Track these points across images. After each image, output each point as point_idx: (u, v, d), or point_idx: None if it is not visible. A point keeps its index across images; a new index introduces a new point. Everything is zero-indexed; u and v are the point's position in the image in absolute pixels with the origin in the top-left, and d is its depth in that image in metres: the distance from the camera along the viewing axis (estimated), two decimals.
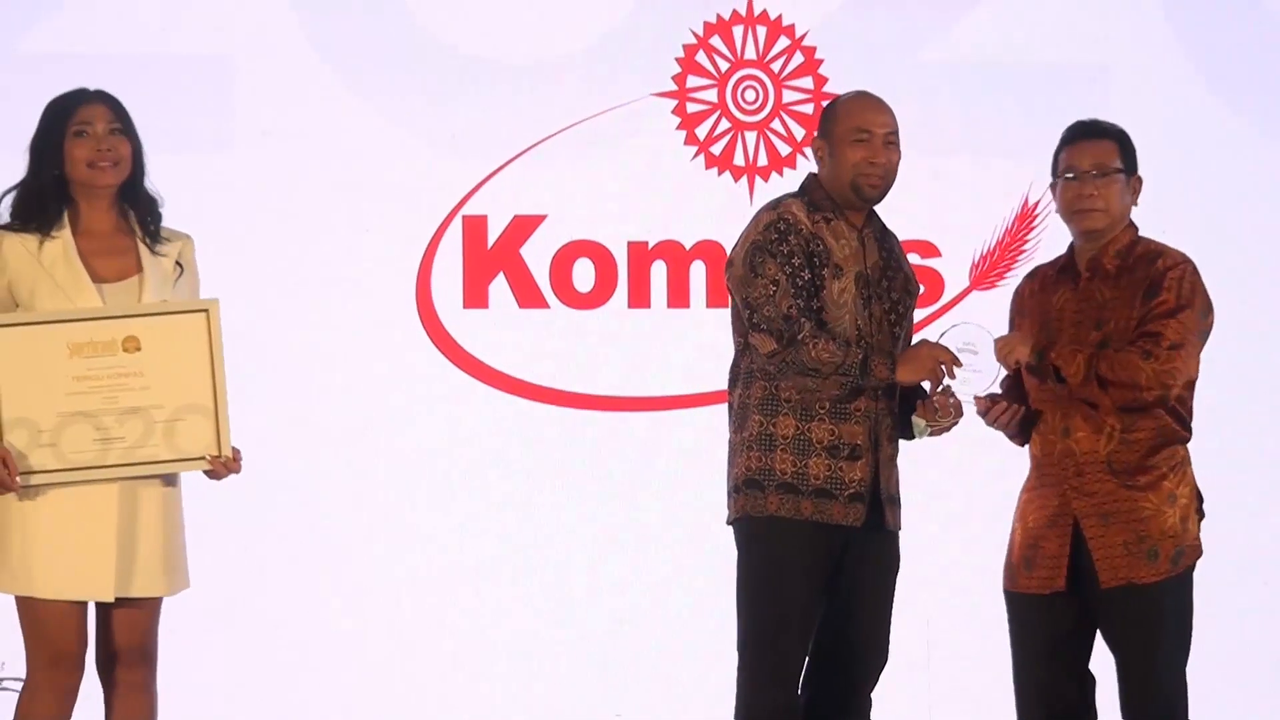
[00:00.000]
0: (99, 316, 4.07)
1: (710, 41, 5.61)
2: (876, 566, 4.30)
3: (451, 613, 5.53)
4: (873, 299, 4.29)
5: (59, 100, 4.20)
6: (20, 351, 4.05)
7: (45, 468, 4.04)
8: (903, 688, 5.11)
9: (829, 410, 4.22)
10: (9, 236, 4.12)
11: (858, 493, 4.20)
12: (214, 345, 4.12)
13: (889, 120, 4.30)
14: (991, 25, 5.66)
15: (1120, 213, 4.29)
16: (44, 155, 4.14)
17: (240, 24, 5.45)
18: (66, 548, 4.08)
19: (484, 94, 5.51)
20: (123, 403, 4.07)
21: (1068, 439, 4.23)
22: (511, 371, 5.54)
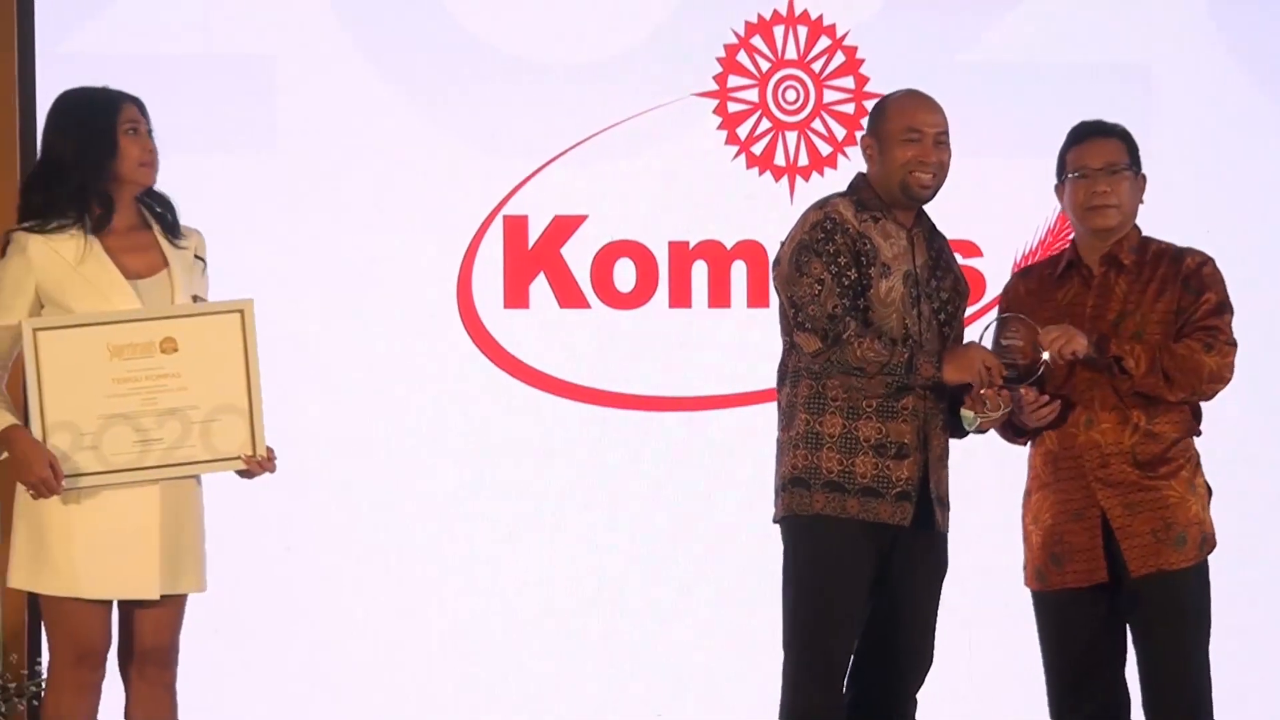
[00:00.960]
0: (137, 319, 4.10)
1: (751, 41, 5.61)
2: (923, 568, 4.30)
3: (493, 611, 5.54)
4: (921, 298, 4.28)
5: (95, 97, 4.18)
6: (61, 355, 4.08)
7: (88, 470, 4.08)
8: (944, 688, 5.05)
9: (876, 408, 4.21)
10: (33, 238, 4.12)
11: (905, 491, 4.20)
12: (249, 345, 4.15)
13: (940, 119, 4.30)
14: (1032, 25, 5.66)
15: (1131, 210, 4.32)
16: (91, 151, 4.12)
17: (283, 24, 5.45)
18: (110, 547, 4.11)
19: (525, 94, 5.53)
20: (161, 404, 4.10)
21: (1091, 430, 4.24)
22: (552, 372, 5.54)
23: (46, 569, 4.11)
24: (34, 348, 4.07)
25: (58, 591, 4.11)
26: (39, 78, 5.33)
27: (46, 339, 4.07)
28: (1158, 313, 4.28)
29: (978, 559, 5.19)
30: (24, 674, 5.21)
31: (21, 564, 4.15)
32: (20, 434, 4.08)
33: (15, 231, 4.15)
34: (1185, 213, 5.17)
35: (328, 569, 5.45)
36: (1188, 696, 4.25)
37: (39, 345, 4.07)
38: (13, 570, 4.18)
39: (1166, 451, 4.25)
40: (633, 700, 5.55)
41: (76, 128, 4.14)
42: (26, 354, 4.08)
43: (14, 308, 4.11)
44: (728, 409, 5.52)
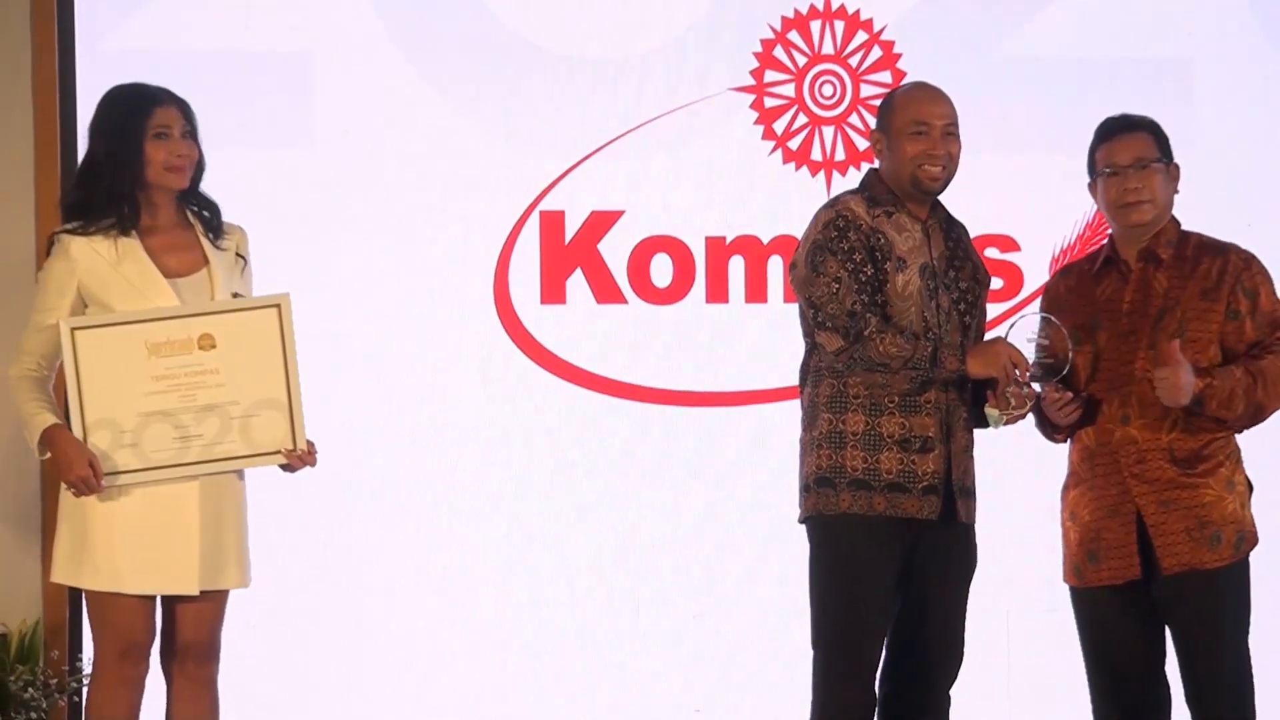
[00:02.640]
0: (174, 315, 4.15)
1: (788, 36, 5.61)
2: (951, 561, 4.31)
3: (529, 601, 5.55)
4: (939, 290, 4.29)
5: (131, 97, 4.24)
6: (100, 353, 4.13)
7: (128, 468, 4.14)
8: (982, 683, 5.10)
9: (898, 404, 4.23)
10: (74, 240, 4.19)
11: (931, 485, 4.21)
12: (286, 340, 4.20)
13: (947, 111, 4.29)
14: (1070, 19, 5.63)
15: (1166, 202, 4.31)
16: (120, 154, 4.19)
17: (321, 21, 5.48)
18: (151, 543, 4.17)
19: (562, 90, 5.53)
20: (200, 400, 4.15)
21: (1128, 426, 4.24)
22: (590, 367, 5.55)
23: (88, 565, 4.16)
24: (72, 347, 4.12)
25: (99, 587, 4.17)
26: (79, 76, 5.37)
27: (84, 338, 4.12)
28: (1200, 309, 4.27)
29: (1017, 551, 5.26)
30: (65, 670, 5.23)
31: (64, 560, 4.22)
32: (61, 433, 4.15)
33: (59, 233, 4.23)
34: (1226, 207, 5.17)
35: (365, 562, 5.46)
36: (1227, 696, 4.24)
37: (77, 344, 4.12)
38: (56, 566, 4.25)
39: (1204, 448, 4.24)
40: (673, 695, 5.55)
41: (108, 130, 4.21)
42: (65, 353, 4.15)
43: (58, 308, 4.18)
44: (764, 404, 5.51)
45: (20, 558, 5.33)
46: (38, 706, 5.09)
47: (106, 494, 4.16)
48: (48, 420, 4.17)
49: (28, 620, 5.24)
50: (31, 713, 5.07)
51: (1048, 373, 4.24)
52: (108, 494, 4.16)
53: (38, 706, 5.09)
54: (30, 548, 5.33)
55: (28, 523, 5.35)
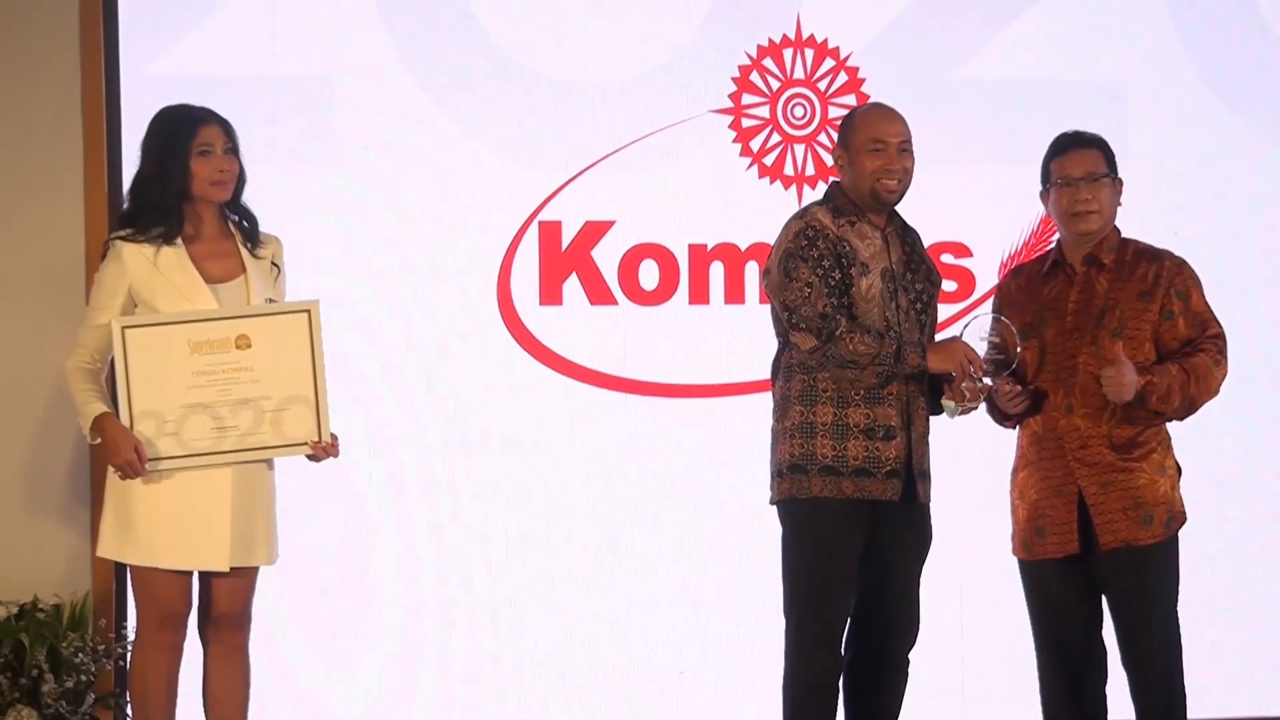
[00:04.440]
0: (215, 318, 4.28)
1: (763, 63, 5.69)
2: (908, 538, 4.43)
3: (528, 585, 5.62)
4: (899, 292, 4.40)
5: (178, 118, 4.37)
6: (147, 350, 4.26)
7: (169, 454, 4.28)
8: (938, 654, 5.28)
9: (864, 396, 4.33)
10: (127, 246, 4.31)
11: (894, 469, 4.34)
12: (315, 341, 4.31)
13: (902, 129, 4.39)
14: (1017, 46, 5.72)
15: (1111, 213, 4.44)
16: (168, 170, 4.31)
17: (341, 49, 5.53)
18: (187, 523, 4.31)
19: (559, 111, 5.59)
20: (235, 394, 4.28)
21: (1072, 415, 4.37)
22: (583, 362, 5.63)
23: (131, 541, 4.31)
24: (122, 344, 4.26)
25: (140, 561, 4.32)
26: (124, 97, 5.43)
27: (134, 336, 4.25)
28: (1137, 309, 4.37)
29: (970, 530, 5.43)
30: (111, 636, 5.33)
31: (110, 536, 4.36)
32: (110, 421, 4.29)
33: (113, 239, 4.37)
34: (1155, 215, 5.28)
35: (369, 557, 5.51)
36: (1159, 659, 4.37)
37: (127, 342, 4.26)
38: (103, 542, 4.40)
39: (1139, 435, 4.36)
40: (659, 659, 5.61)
41: (157, 148, 4.33)
42: (115, 349, 4.28)
43: (110, 308, 4.34)
44: (743, 395, 5.58)
45: (72, 534, 5.43)
46: (87, 670, 5.16)
47: (148, 477, 4.27)
48: (99, 409, 4.28)
49: (78, 591, 5.32)
50: (81, 675, 5.15)
51: (999, 368, 4.34)
52: (150, 477, 4.27)
53: (87, 670, 5.16)
54: (81, 525, 5.42)
55: (79, 502, 5.44)
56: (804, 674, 4.39)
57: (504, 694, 5.63)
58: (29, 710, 5.12)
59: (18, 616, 5.25)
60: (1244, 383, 5.59)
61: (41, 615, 5.26)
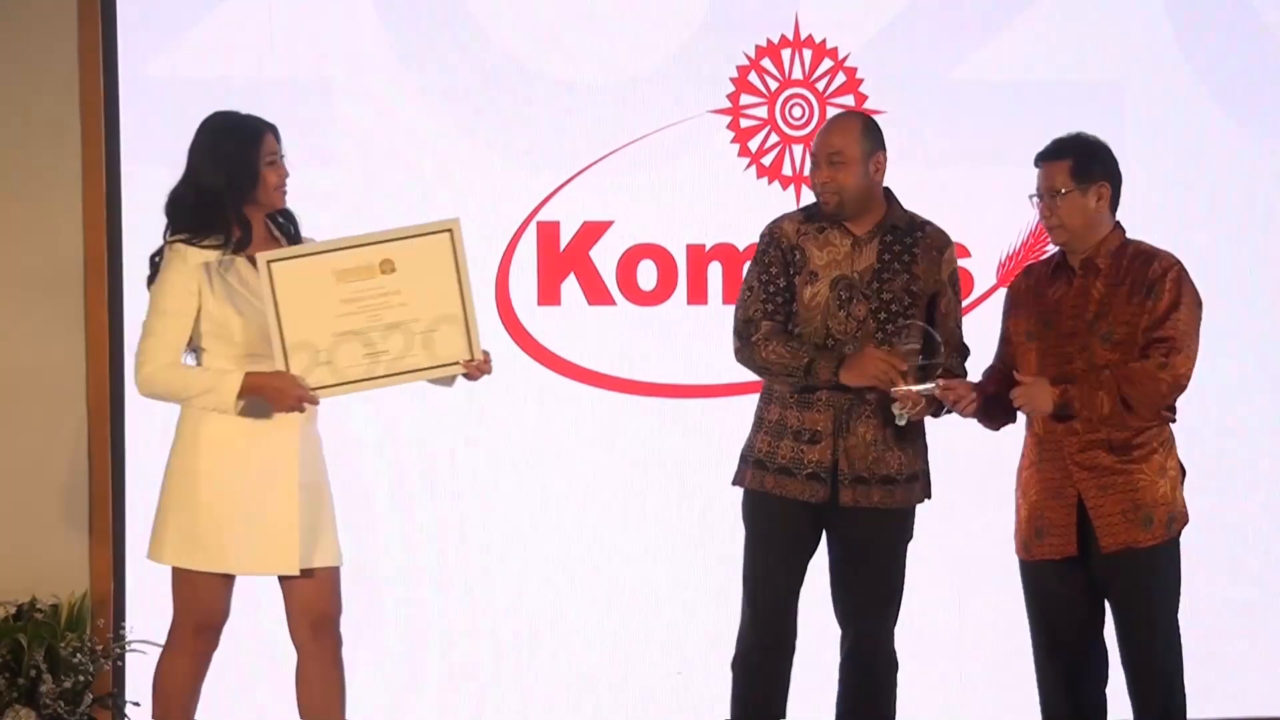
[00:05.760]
0: (356, 244, 4.23)
1: (761, 63, 5.72)
2: (861, 540, 4.47)
3: (525, 580, 5.64)
4: (854, 300, 4.42)
5: (242, 126, 4.32)
6: (295, 282, 4.18)
7: (324, 384, 4.22)
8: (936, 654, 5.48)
9: (797, 400, 4.44)
10: (190, 249, 4.26)
11: (815, 473, 4.41)
12: (459, 260, 4.26)
13: (833, 141, 4.43)
14: (1016, 48, 5.75)
15: (1080, 224, 4.40)
16: (239, 179, 4.27)
17: (340, 51, 5.56)
18: (256, 527, 4.24)
19: (558, 112, 5.62)
20: (385, 319, 4.23)
21: (1071, 419, 4.39)
22: (582, 362, 5.67)
23: (199, 547, 4.22)
24: (269, 278, 4.17)
25: (206, 567, 4.23)
26: (122, 99, 5.46)
27: (279, 269, 4.17)
28: (1126, 314, 4.37)
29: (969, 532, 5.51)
30: (110, 637, 5.34)
31: (171, 540, 4.26)
32: (258, 375, 4.21)
33: (174, 242, 4.28)
34: (1152, 216, 5.22)
35: (368, 557, 5.46)
36: (1157, 661, 4.40)
37: (274, 276, 4.17)
38: (163, 546, 4.28)
39: (1138, 437, 4.37)
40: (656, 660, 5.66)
41: (226, 158, 4.26)
42: (263, 285, 4.18)
43: (184, 311, 4.26)
44: (741, 395, 5.48)
45: (70, 533, 5.45)
46: (85, 670, 5.17)
47: (213, 482, 4.19)
48: (240, 372, 4.19)
49: (76, 591, 5.33)
50: (79, 676, 5.16)
51: (926, 372, 4.35)
52: (214, 478, 4.19)
53: (85, 670, 5.17)
54: (79, 524, 5.44)
55: (77, 502, 5.45)
56: (737, 652, 4.54)
57: (503, 694, 5.66)
58: (27, 710, 5.15)
59: (15, 617, 5.28)
60: (1242, 382, 5.74)
61: (39, 615, 5.29)
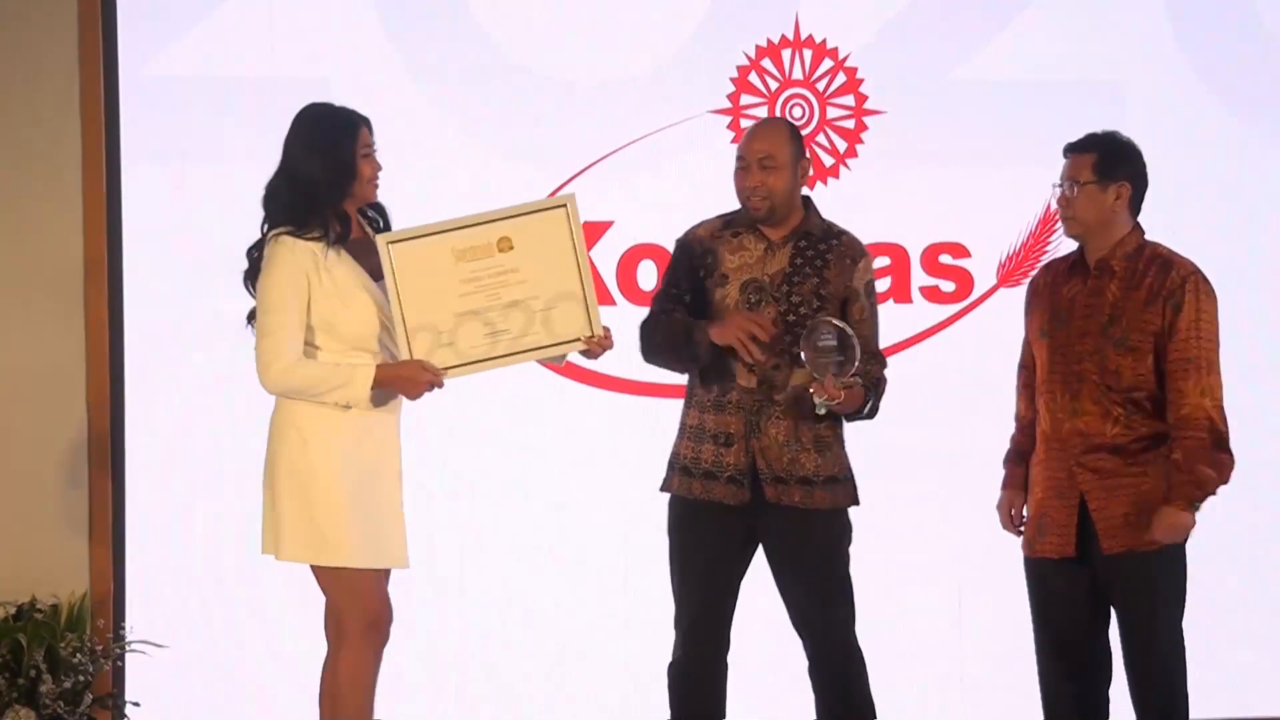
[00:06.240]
0: (473, 224, 4.21)
1: (761, 63, 5.73)
2: (792, 544, 4.47)
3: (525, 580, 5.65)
4: (764, 303, 4.44)
5: (340, 119, 4.27)
6: (414, 264, 4.16)
7: (447, 364, 4.20)
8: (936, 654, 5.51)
9: (712, 403, 4.46)
10: (298, 242, 4.18)
11: (734, 475, 4.43)
12: (575, 236, 4.22)
13: (762, 145, 4.43)
14: (1016, 47, 5.76)
15: (1093, 220, 4.39)
16: (339, 175, 4.22)
17: (338, 51, 5.58)
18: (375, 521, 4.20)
19: (558, 111, 5.64)
20: (504, 298, 4.21)
21: (1076, 419, 4.38)
22: (581, 362, 5.04)
23: (326, 543, 4.15)
24: (389, 260, 4.16)
25: (339, 563, 4.15)
26: (122, 98, 5.48)
27: (399, 251, 4.16)
28: (1140, 320, 4.34)
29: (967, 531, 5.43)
30: (109, 637, 5.36)
31: (297, 539, 4.17)
32: (386, 368, 4.18)
33: (280, 235, 4.20)
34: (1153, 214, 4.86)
35: None
36: (1160, 666, 4.37)
37: (394, 258, 4.16)
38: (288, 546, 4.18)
39: (1145, 439, 4.35)
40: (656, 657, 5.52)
41: (325, 151, 4.21)
42: (384, 267, 4.16)
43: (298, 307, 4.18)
44: None
45: (69, 534, 5.47)
46: (84, 670, 5.20)
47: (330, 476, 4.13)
48: (372, 365, 4.16)
49: (76, 591, 5.36)
50: (79, 676, 5.18)
51: (840, 367, 4.34)
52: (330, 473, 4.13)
53: (84, 670, 5.20)
54: (79, 525, 5.47)
55: (77, 503, 5.48)
56: (672, 659, 4.55)
57: (503, 694, 5.67)
58: (27, 710, 5.17)
59: (15, 617, 5.30)
60: (1242, 381, 5.54)
61: (39, 615, 5.31)
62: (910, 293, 5.79)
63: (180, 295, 5.59)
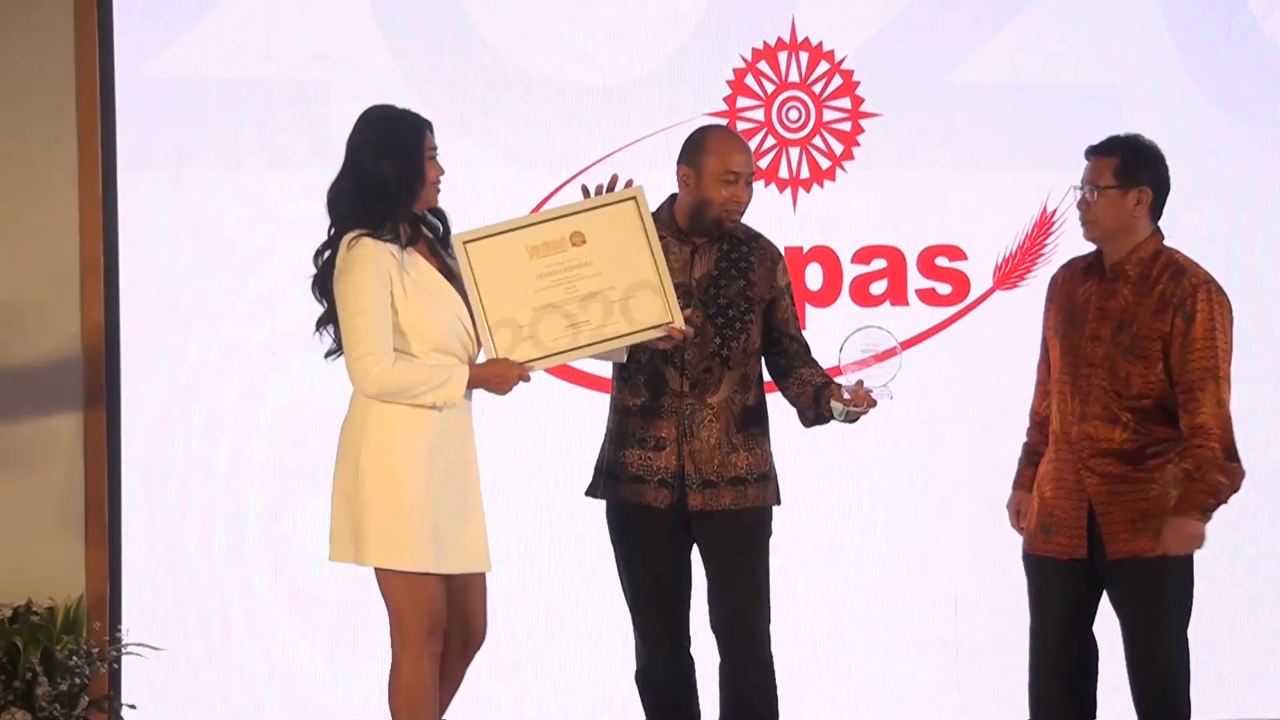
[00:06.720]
0: (545, 219, 4.27)
1: (758, 66, 5.73)
2: (720, 546, 4.48)
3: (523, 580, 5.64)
4: (690, 307, 4.44)
5: (408, 121, 4.26)
6: (491, 261, 4.21)
7: (530, 358, 4.24)
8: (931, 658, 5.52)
9: (640, 408, 4.46)
10: (379, 244, 4.17)
11: (664, 479, 4.44)
12: (647, 226, 4.27)
13: (751, 161, 4.48)
14: (1013, 50, 5.76)
15: (1113, 225, 4.38)
16: (409, 177, 4.21)
17: (336, 52, 5.58)
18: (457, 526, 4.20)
19: (553, 114, 5.64)
20: (581, 290, 4.25)
21: (1084, 424, 4.37)
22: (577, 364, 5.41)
23: (406, 549, 4.14)
24: (467, 258, 4.20)
25: (418, 568, 4.14)
26: (119, 100, 5.48)
27: (475, 249, 4.20)
28: (1150, 328, 4.32)
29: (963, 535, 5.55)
30: (105, 640, 5.36)
31: (382, 544, 4.15)
32: (478, 368, 4.20)
33: (360, 236, 4.17)
34: None
35: None
36: (1162, 674, 4.36)
37: (471, 256, 4.20)
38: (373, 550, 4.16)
39: (1152, 446, 4.34)
40: None
41: (396, 154, 4.20)
42: (461, 266, 4.19)
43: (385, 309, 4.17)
44: None
45: (65, 537, 5.48)
46: (80, 673, 5.21)
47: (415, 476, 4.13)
48: (460, 368, 4.17)
49: (72, 594, 5.37)
50: (75, 679, 5.19)
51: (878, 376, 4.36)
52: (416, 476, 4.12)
53: (80, 673, 5.21)
54: (75, 527, 5.48)
55: (73, 505, 5.49)
56: (637, 667, 4.57)
57: (502, 694, 5.66)
58: (23, 713, 5.18)
59: (11, 619, 5.29)
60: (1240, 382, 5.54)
61: (35, 618, 5.31)
62: (907, 295, 5.79)
63: (177, 297, 5.60)
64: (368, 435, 4.17)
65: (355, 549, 4.18)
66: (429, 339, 4.21)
